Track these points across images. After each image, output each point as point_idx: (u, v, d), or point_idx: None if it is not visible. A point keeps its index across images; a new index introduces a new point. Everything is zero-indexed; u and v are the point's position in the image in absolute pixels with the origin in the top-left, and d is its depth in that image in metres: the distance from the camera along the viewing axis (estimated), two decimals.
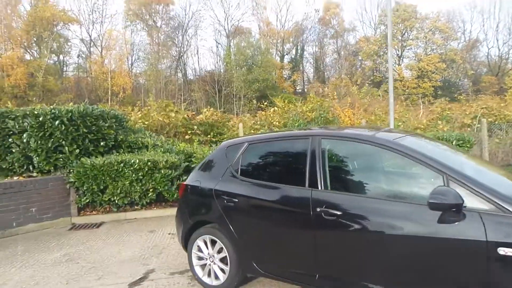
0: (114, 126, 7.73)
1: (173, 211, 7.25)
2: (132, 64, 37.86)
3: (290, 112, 11.71)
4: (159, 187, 7.03)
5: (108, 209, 7.18)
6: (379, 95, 23.93)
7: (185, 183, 3.95)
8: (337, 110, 11.83)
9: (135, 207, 7.24)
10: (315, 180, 3.03)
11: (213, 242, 3.66)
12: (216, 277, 3.66)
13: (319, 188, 3.00)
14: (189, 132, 11.10)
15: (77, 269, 4.45)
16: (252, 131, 11.23)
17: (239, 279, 3.59)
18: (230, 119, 12.80)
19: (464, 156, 3.29)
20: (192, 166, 7.62)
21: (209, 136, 11.42)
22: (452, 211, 2.37)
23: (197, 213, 3.76)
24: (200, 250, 3.77)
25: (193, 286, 3.84)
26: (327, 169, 3.05)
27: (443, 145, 3.52)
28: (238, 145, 3.71)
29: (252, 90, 31.73)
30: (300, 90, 40.98)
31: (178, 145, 8.50)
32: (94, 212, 7.13)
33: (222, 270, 3.62)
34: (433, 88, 35.80)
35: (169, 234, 5.85)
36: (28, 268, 4.55)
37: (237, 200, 3.41)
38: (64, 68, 36.19)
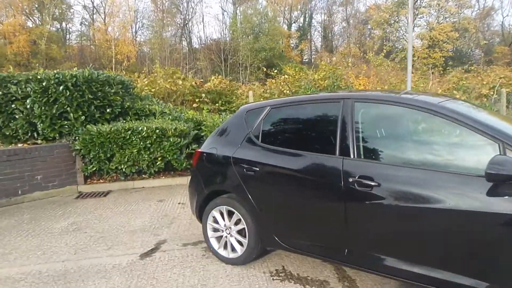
0: (121, 92, 7.43)
1: (182, 180, 7.11)
2: (136, 32, 36.99)
3: (301, 80, 11.28)
4: (167, 156, 6.79)
5: (115, 177, 6.98)
6: (388, 65, 23.25)
7: (200, 150, 3.67)
8: (351, 78, 11.36)
9: (143, 176, 7.05)
10: (347, 147, 2.73)
11: (230, 213, 3.42)
12: (233, 250, 3.44)
13: (352, 156, 2.70)
14: (197, 100, 10.74)
15: (85, 239, 4.26)
16: (262, 100, 10.86)
17: (257, 252, 3.37)
18: (239, 87, 12.41)
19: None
20: (202, 134, 7.36)
21: (217, 104, 11.08)
22: (510, 183, 2.08)
23: (213, 182, 3.50)
24: (215, 221, 3.53)
25: (208, 258, 3.64)
26: (360, 135, 2.75)
27: (488, 110, 3.18)
28: (259, 109, 3.39)
29: (259, 59, 30.97)
30: (307, 60, 40.07)
31: (187, 113, 8.19)
32: (101, 181, 6.93)
33: (240, 243, 3.39)
34: (443, 59, 34.75)
35: (179, 203, 5.65)
36: (35, 237, 4.37)
37: (257, 169, 3.13)
38: (67, 36, 35.46)
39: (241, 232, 3.38)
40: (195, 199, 3.67)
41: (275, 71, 13.11)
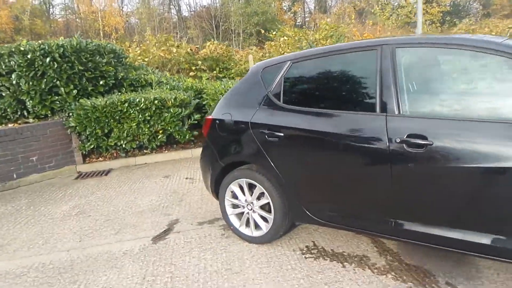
0: (113, 62, 6.90)
1: (186, 153, 6.69)
2: (122, 2, 35.59)
3: (302, 41, 10.65)
4: (169, 128, 6.35)
5: (115, 154, 6.57)
6: (392, 22, 22.49)
7: (211, 117, 3.22)
8: (356, 35, 10.73)
9: (145, 151, 6.63)
10: (389, 102, 2.31)
11: (251, 187, 3.03)
12: (257, 227, 3.07)
13: (396, 112, 2.28)
14: (193, 68, 10.16)
15: (89, 223, 3.88)
16: None
17: (285, 229, 3.01)
18: (236, 53, 11.78)
19: None
20: (204, 103, 6.88)
21: (214, 72, 10.51)
22: None
23: (230, 152, 3.07)
24: (234, 196, 3.15)
25: (228, 237, 3.27)
26: (405, 87, 2.32)
27: None
28: (277, 65, 2.92)
29: (251, 25, 29.95)
30: (300, 23, 38.92)
31: (185, 81, 7.67)
32: (100, 159, 6.52)
33: (264, 219, 3.02)
34: (441, 14, 33.65)
35: (186, 178, 5.27)
36: (35, 224, 3.99)
37: (282, 134, 2.70)
38: (51, 10, 34.02)
39: (264, 207, 3.00)
40: (209, 173, 3.27)
41: (274, 32, 12.41)
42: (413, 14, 33.68)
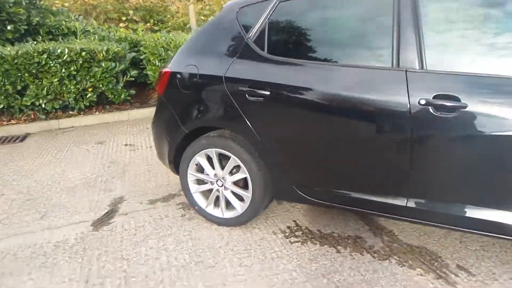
0: (24, 3, 5.63)
1: (121, 115, 5.79)
2: None
3: None
4: (100, 86, 5.42)
5: (33, 116, 5.48)
6: None
7: (168, 69, 2.50)
8: None
9: (70, 112, 5.63)
10: (411, 54, 1.82)
11: (222, 158, 2.44)
12: (229, 207, 2.52)
13: (418, 67, 1.81)
14: (123, 18, 8.92)
15: (4, 205, 3.03)
16: (202, 17, 9.36)
17: (264, 208, 2.49)
18: (173, 3, 10.59)
19: None
20: (141, 57, 5.96)
21: (148, 24, 9.37)
22: None
23: (195, 115, 2.41)
24: (200, 170, 2.54)
25: (191, 219, 2.69)
26: (431, 34, 1.83)
27: None
28: (259, 4, 2.26)
29: None
30: None
31: (118, 31, 6.59)
32: (13, 121, 5.40)
33: (239, 197, 2.47)
34: None
35: (125, 145, 4.49)
36: None
37: (267, 93, 2.11)
38: None
39: (238, 183, 2.45)
40: (166, 141, 2.60)
41: None
42: None
